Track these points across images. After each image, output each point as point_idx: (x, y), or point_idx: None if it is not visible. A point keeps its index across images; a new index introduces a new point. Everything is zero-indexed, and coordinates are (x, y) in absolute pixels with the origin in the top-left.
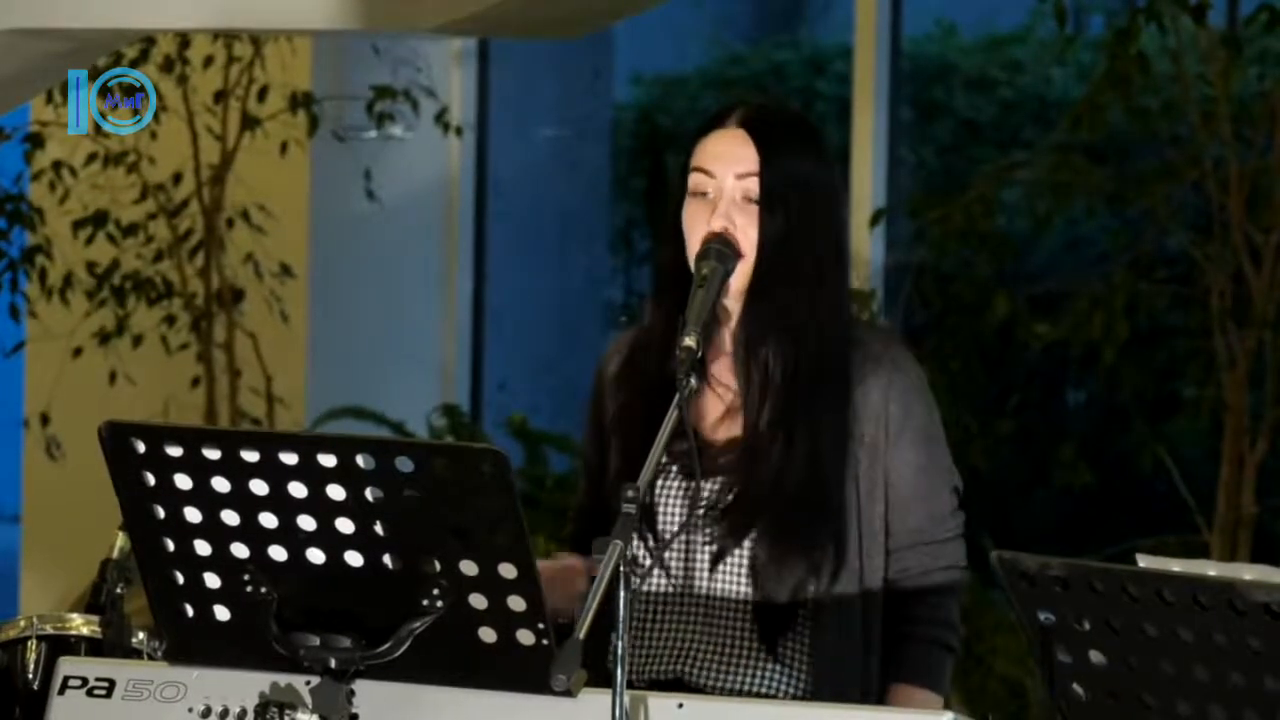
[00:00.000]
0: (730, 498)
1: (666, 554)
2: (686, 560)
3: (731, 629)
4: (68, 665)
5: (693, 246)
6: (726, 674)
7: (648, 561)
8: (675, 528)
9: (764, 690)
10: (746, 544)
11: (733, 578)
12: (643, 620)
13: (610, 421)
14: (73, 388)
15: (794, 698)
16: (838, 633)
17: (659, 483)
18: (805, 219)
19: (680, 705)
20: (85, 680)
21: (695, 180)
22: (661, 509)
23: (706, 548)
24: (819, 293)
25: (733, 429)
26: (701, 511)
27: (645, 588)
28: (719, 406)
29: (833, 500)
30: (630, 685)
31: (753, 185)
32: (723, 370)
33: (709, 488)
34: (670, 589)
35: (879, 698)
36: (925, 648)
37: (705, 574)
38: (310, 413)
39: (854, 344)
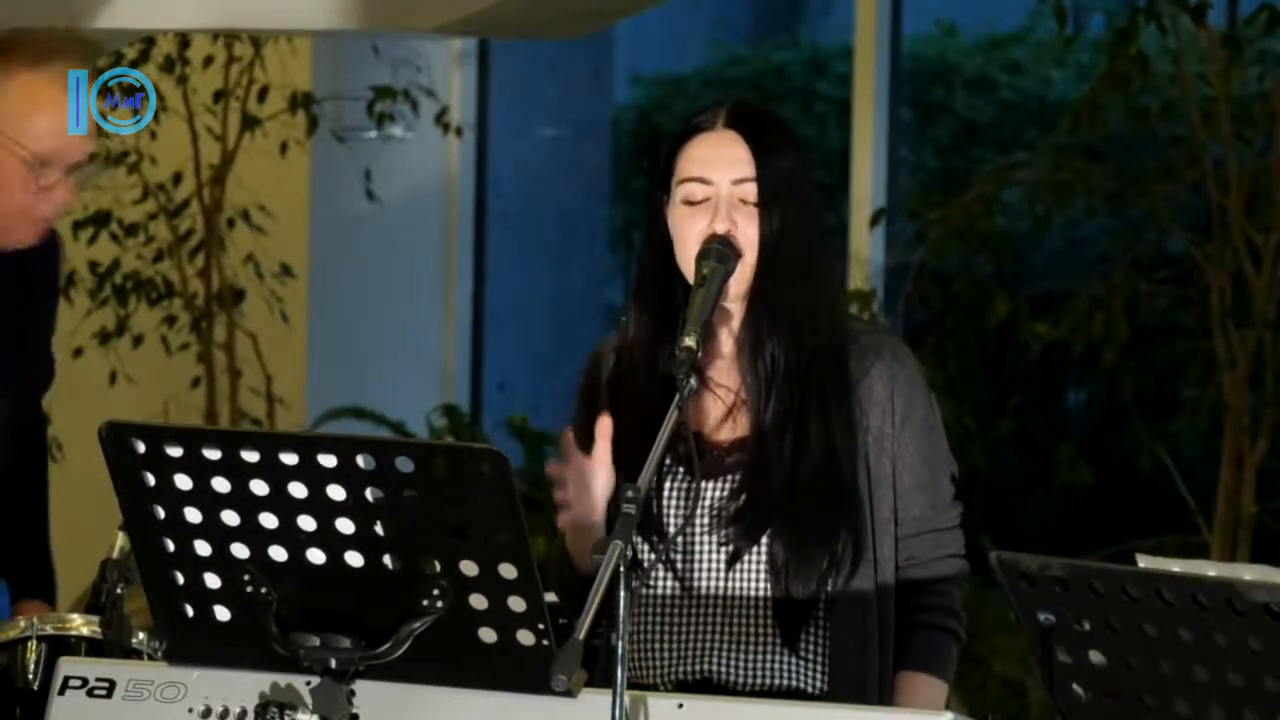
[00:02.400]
0: (742, 498)
1: (679, 557)
2: (700, 562)
3: (751, 627)
4: (68, 665)
5: (690, 253)
6: (748, 670)
7: (657, 566)
8: (683, 530)
9: (785, 684)
10: (763, 543)
11: (750, 577)
12: (660, 623)
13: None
14: (73, 388)
15: (814, 690)
16: (855, 624)
17: (666, 486)
18: (799, 216)
19: (680, 705)
20: (85, 680)
21: (688, 189)
22: (670, 513)
23: (722, 549)
24: (816, 287)
25: (736, 429)
26: (715, 513)
27: (659, 590)
28: (720, 407)
29: (848, 492)
30: (654, 688)
31: (749, 189)
32: (720, 372)
33: (717, 488)
34: (684, 590)
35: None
36: (933, 635)
37: (720, 575)
38: (310, 413)
39: (849, 338)
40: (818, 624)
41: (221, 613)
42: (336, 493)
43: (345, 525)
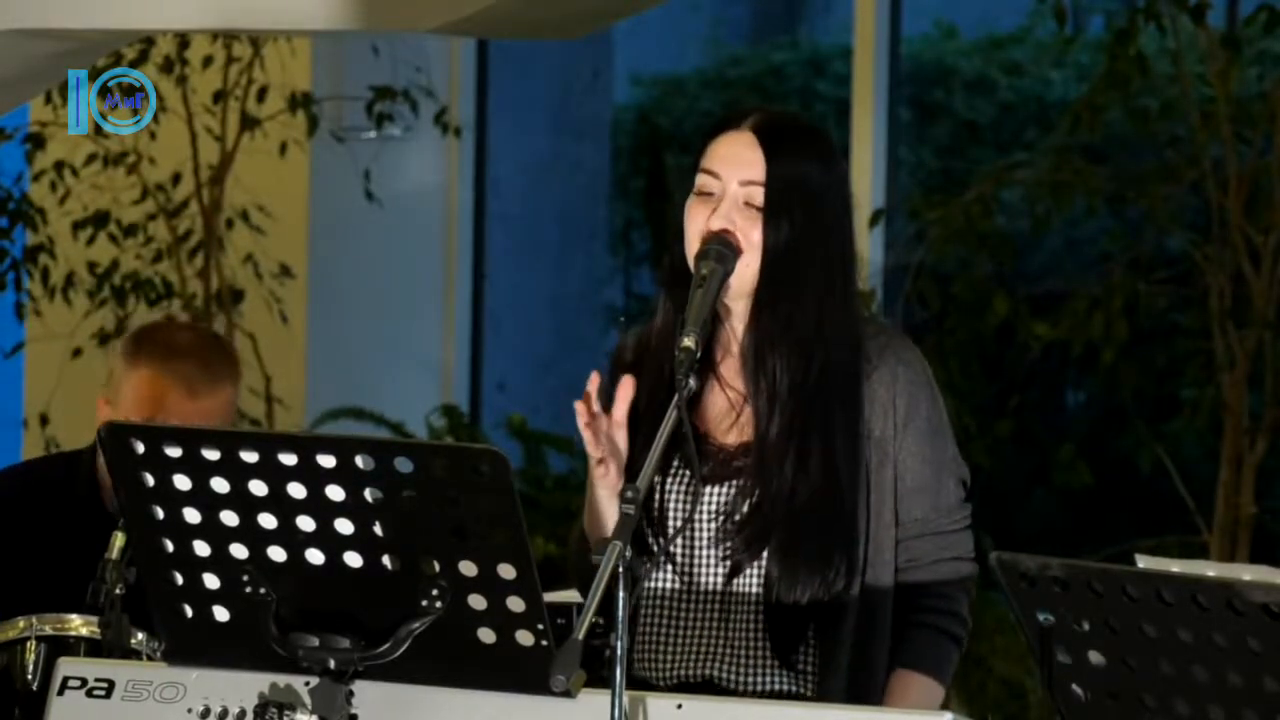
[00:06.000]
0: (745, 508)
1: (682, 557)
2: (703, 567)
3: (749, 638)
4: (67, 666)
5: (691, 243)
6: (746, 678)
7: (660, 560)
8: (687, 531)
9: (782, 690)
10: (763, 557)
11: (750, 588)
12: (665, 621)
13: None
14: (72, 388)
15: (806, 698)
16: (849, 636)
17: (668, 486)
18: (811, 228)
19: (679, 706)
20: (84, 681)
21: (701, 180)
22: (672, 512)
23: (725, 560)
24: (827, 302)
25: (743, 432)
26: (719, 521)
27: (664, 589)
28: (728, 408)
29: (845, 511)
30: (654, 686)
31: (756, 192)
32: (730, 371)
33: (721, 492)
34: (688, 592)
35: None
36: (931, 635)
37: (722, 583)
38: (309, 413)
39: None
40: (811, 642)
41: (220, 613)
42: (335, 493)
43: (344, 525)
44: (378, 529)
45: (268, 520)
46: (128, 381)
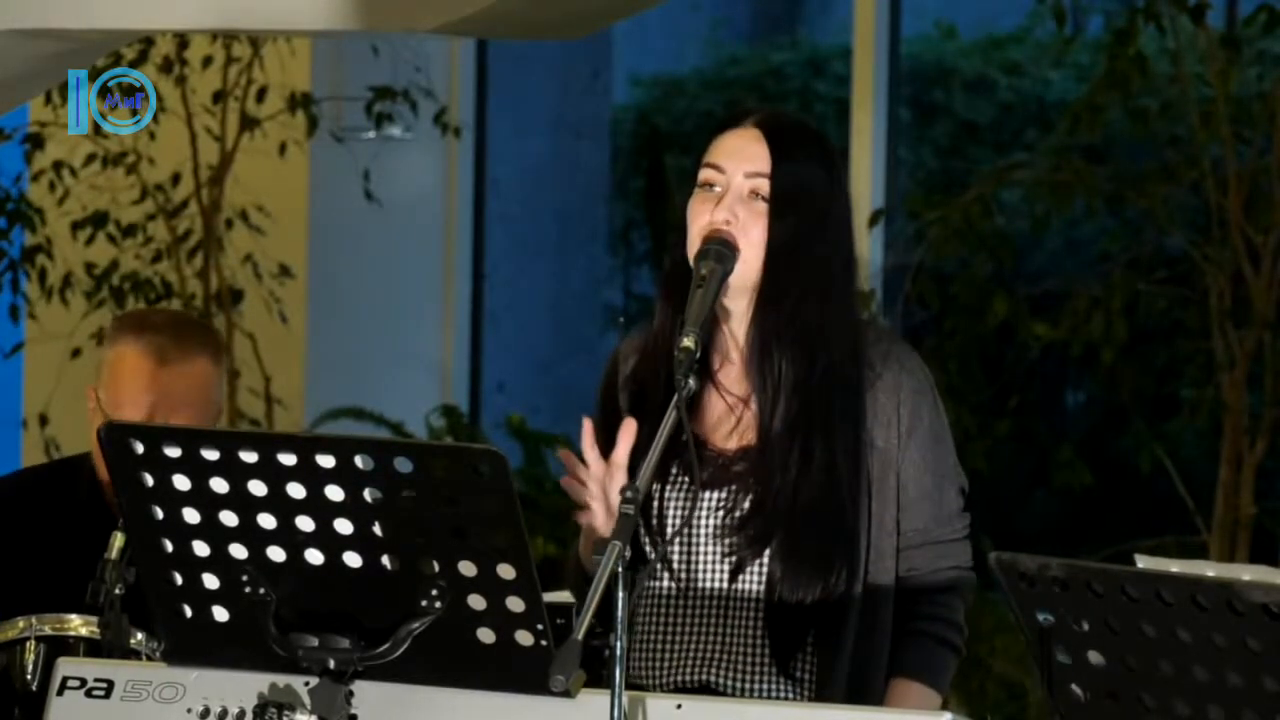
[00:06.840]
0: (747, 506)
1: (681, 562)
2: (703, 570)
3: (748, 642)
4: (66, 666)
5: (693, 238)
6: (743, 685)
7: (657, 567)
8: (686, 535)
9: (776, 697)
10: (765, 556)
11: (751, 590)
12: (661, 627)
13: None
14: (72, 388)
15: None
16: (849, 644)
17: (667, 493)
18: (814, 225)
19: (679, 706)
20: (84, 681)
21: (705, 175)
22: (670, 517)
23: (726, 560)
24: (829, 303)
25: (742, 437)
26: (719, 521)
27: (662, 595)
28: (727, 414)
29: (847, 514)
30: (652, 690)
31: (762, 185)
32: (730, 378)
33: (719, 497)
34: (686, 596)
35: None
36: (928, 644)
37: (723, 585)
38: (309, 413)
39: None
40: (810, 649)
41: (220, 613)
42: (335, 493)
43: (344, 526)
44: (377, 529)
45: (267, 520)
46: (106, 360)
